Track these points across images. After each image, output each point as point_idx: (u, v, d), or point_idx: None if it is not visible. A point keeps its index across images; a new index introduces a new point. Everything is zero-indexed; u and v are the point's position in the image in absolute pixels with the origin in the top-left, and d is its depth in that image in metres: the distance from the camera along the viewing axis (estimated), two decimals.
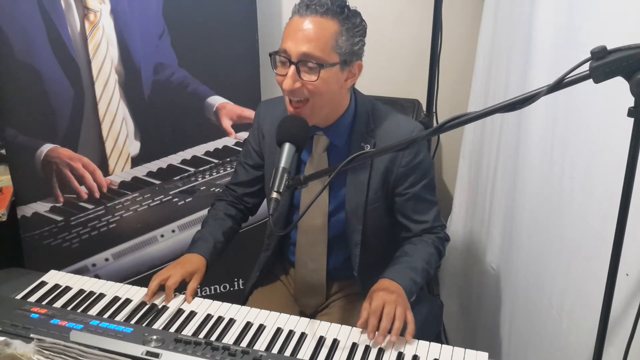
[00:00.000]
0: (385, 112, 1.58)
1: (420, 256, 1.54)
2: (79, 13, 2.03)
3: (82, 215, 2.21)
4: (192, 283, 1.51)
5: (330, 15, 1.37)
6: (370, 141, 1.53)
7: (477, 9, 2.28)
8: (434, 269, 1.58)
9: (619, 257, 1.03)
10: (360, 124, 1.54)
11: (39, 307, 1.38)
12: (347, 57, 1.41)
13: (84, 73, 2.08)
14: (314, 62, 1.37)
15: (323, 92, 1.41)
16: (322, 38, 1.37)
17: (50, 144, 2.11)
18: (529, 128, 1.71)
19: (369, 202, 1.56)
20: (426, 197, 1.58)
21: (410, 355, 1.30)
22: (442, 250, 1.61)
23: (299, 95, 1.41)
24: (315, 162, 1.56)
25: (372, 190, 1.55)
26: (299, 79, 1.38)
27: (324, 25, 1.37)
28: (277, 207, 1.27)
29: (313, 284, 1.67)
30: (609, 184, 1.26)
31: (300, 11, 1.39)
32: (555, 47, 1.56)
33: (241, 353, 1.24)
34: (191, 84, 2.17)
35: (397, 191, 1.56)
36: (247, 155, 1.71)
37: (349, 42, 1.40)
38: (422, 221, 1.58)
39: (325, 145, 1.55)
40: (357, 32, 1.42)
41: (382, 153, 1.30)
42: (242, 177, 1.72)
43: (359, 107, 1.55)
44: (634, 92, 0.92)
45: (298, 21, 1.38)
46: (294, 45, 1.37)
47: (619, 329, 1.27)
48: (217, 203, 1.75)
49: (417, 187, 1.55)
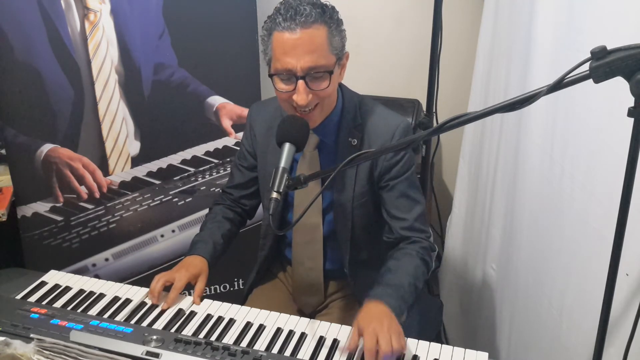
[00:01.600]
0: (372, 106, 1.58)
1: (405, 271, 1.47)
2: (79, 13, 2.03)
3: (82, 215, 2.21)
4: (198, 284, 1.51)
5: (317, 22, 1.36)
6: (357, 136, 1.53)
7: (477, 9, 2.28)
8: (422, 282, 1.50)
9: (619, 257, 1.03)
10: (347, 119, 1.54)
11: (39, 307, 1.38)
12: (340, 53, 1.44)
13: (84, 73, 2.07)
14: (322, 71, 1.37)
15: (330, 95, 1.45)
16: (320, 46, 1.37)
17: (50, 144, 2.11)
18: (529, 128, 1.71)
19: (355, 197, 1.56)
20: (408, 194, 1.54)
21: (410, 355, 1.30)
22: (429, 261, 1.53)
23: (312, 104, 1.42)
24: (307, 160, 1.56)
25: (359, 185, 1.55)
26: (310, 91, 1.39)
27: (316, 33, 1.36)
28: (277, 207, 1.27)
29: (311, 283, 1.67)
30: (609, 184, 1.26)
31: (290, 27, 1.35)
32: (555, 47, 1.56)
33: (241, 353, 1.24)
34: (191, 84, 2.17)
35: (381, 184, 1.56)
36: (242, 157, 1.71)
37: (338, 39, 1.42)
38: (401, 218, 1.54)
39: (315, 143, 1.55)
40: (341, 27, 1.43)
41: (382, 153, 1.30)
42: (237, 180, 1.73)
43: (346, 103, 1.55)
44: (634, 92, 0.92)
45: (290, 36, 1.36)
46: (297, 61, 1.36)
47: (619, 329, 1.27)
48: (214, 207, 1.75)
49: (398, 180, 1.53)
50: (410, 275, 1.46)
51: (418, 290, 1.48)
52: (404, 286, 1.43)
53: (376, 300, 1.37)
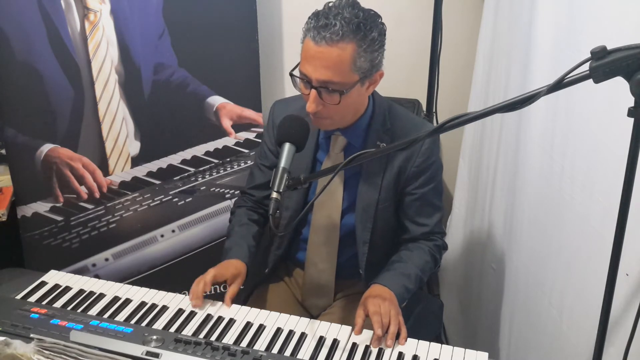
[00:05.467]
0: (401, 112, 1.60)
1: (414, 263, 1.55)
2: (79, 13, 2.03)
3: (82, 215, 2.21)
4: (233, 287, 1.49)
5: (346, 39, 1.33)
6: (387, 140, 1.54)
7: (477, 9, 2.28)
8: (427, 276, 1.59)
9: (619, 257, 1.03)
10: (377, 123, 1.55)
11: (39, 307, 1.38)
12: (367, 73, 1.40)
13: (84, 73, 2.07)
14: (334, 88, 1.37)
15: (344, 110, 1.45)
16: (340, 64, 1.35)
17: (50, 144, 2.11)
18: (529, 128, 1.71)
19: (380, 201, 1.56)
20: (432, 201, 1.59)
21: (410, 355, 1.30)
22: (438, 259, 1.62)
23: (321, 115, 1.42)
24: (332, 162, 1.56)
25: (385, 189, 1.56)
26: (321, 102, 1.39)
27: (339, 52, 1.33)
28: (277, 207, 1.27)
29: (321, 284, 1.67)
30: (609, 184, 1.26)
31: (315, 38, 1.33)
32: (555, 47, 1.56)
33: (241, 353, 1.24)
34: (191, 84, 2.17)
35: (406, 190, 1.57)
36: (263, 156, 1.69)
37: (367, 60, 1.37)
38: (423, 224, 1.59)
39: (343, 145, 1.56)
40: (376, 46, 1.39)
41: (382, 153, 1.30)
42: (258, 180, 1.71)
43: (376, 108, 1.56)
44: (634, 92, 0.92)
45: (314, 47, 1.34)
46: (313, 72, 1.36)
47: (619, 329, 1.27)
48: (237, 210, 1.73)
49: (425, 189, 1.56)
50: (418, 267, 1.54)
51: (422, 283, 1.58)
52: (410, 276, 1.51)
53: (381, 284, 1.47)
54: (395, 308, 1.39)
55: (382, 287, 1.45)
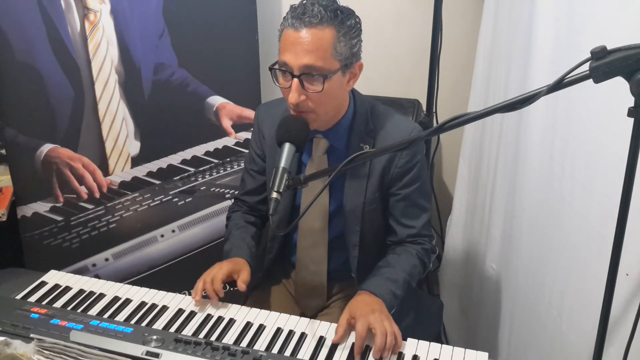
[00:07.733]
0: (384, 112, 1.57)
1: (402, 267, 1.51)
2: (79, 13, 2.03)
3: (82, 215, 2.21)
4: (243, 274, 1.48)
5: (325, 23, 1.35)
6: (370, 142, 1.52)
7: (477, 9, 2.28)
8: (416, 281, 1.56)
9: (619, 257, 1.03)
10: (359, 124, 1.53)
11: (39, 307, 1.38)
12: (347, 61, 1.40)
13: (84, 73, 2.08)
14: (316, 73, 1.36)
15: (327, 101, 1.42)
16: (321, 48, 1.35)
17: (50, 144, 2.11)
18: (529, 128, 1.71)
19: (366, 204, 1.55)
20: (418, 202, 1.57)
21: (410, 355, 1.30)
22: (426, 263, 1.59)
23: (304, 107, 1.41)
24: (315, 164, 1.55)
25: (370, 191, 1.54)
26: (303, 91, 1.38)
27: (320, 34, 1.35)
28: (277, 207, 1.27)
29: (314, 286, 1.66)
30: (609, 184, 1.26)
31: (294, 24, 1.35)
32: (555, 47, 1.56)
33: (241, 353, 1.24)
34: (191, 84, 2.17)
35: (390, 191, 1.56)
36: (251, 161, 1.70)
37: (347, 46, 1.38)
38: (409, 226, 1.57)
39: (325, 147, 1.54)
40: (353, 33, 1.40)
41: (381, 153, 1.30)
42: (249, 185, 1.71)
43: (358, 108, 1.54)
44: (634, 92, 0.92)
45: (293, 34, 1.35)
46: (294, 59, 1.35)
47: (619, 329, 1.27)
48: (232, 215, 1.73)
49: (409, 189, 1.54)
50: (406, 272, 1.51)
51: (411, 288, 1.53)
52: (398, 281, 1.48)
53: (368, 291, 1.43)
54: (386, 315, 1.35)
55: (370, 295, 1.41)
